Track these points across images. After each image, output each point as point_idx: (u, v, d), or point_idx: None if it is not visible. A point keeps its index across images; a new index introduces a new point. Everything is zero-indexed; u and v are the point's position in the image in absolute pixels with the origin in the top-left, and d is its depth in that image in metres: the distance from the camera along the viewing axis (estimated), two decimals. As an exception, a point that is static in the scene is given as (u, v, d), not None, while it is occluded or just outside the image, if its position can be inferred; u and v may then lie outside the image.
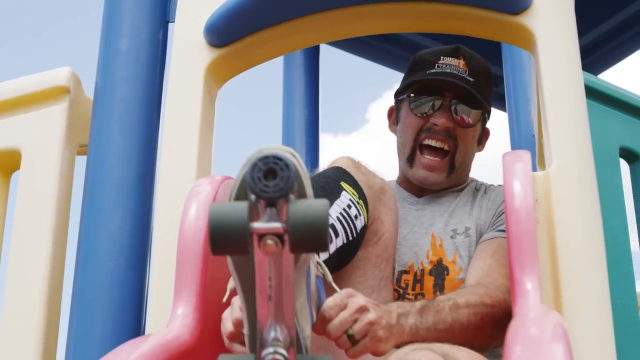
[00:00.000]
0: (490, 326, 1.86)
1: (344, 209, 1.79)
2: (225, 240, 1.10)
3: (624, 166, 2.46)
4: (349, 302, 1.62)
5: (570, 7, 2.00)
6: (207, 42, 2.14)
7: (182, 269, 1.69)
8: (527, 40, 2.01)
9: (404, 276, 2.12)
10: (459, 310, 1.80)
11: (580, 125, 1.87)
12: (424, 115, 2.24)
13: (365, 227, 1.87)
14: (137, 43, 2.34)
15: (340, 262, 1.84)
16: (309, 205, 1.11)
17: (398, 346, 1.67)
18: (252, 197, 1.11)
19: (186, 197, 1.79)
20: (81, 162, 2.33)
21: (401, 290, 2.10)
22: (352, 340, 1.60)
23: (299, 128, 3.65)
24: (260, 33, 2.18)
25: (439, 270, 2.11)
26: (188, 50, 2.14)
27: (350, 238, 1.82)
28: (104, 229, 2.16)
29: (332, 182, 1.84)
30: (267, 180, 1.11)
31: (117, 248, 2.13)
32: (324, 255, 1.70)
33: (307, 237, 1.09)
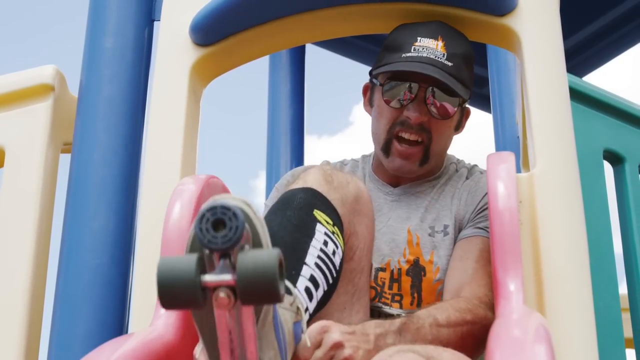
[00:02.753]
0: (471, 344, 1.83)
1: (321, 250, 1.70)
2: (174, 294, 1.09)
3: (608, 168, 2.47)
4: (324, 339, 1.59)
5: (555, 9, 2.00)
6: (192, 41, 2.14)
7: (166, 268, 1.68)
8: (512, 42, 2.02)
9: (381, 274, 2.07)
10: (439, 328, 1.76)
11: (564, 127, 1.87)
12: (398, 106, 2.11)
13: (343, 257, 1.81)
14: (123, 41, 2.34)
15: (323, 305, 1.78)
16: (257, 256, 1.09)
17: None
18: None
19: (170, 196, 1.78)
20: (65, 160, 2.33)
21: (378, 289, 2.06)
22: None
23: (284, 129, 3.64)
24: (246, 32, 2.18)
25: (416, 271, 2.06)
26: (173, 48, 2.14)
27: (331, 281, 1.76)
28: (87, 228, 2.15)
29: (305, 214, 1.74)
30: (217, 231, 1.10)
31: (100, 246, 2.13)
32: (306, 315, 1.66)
33: (256, 289, 1.08)
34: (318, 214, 1.73)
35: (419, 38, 2.06)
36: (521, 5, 1.99)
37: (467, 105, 2.24)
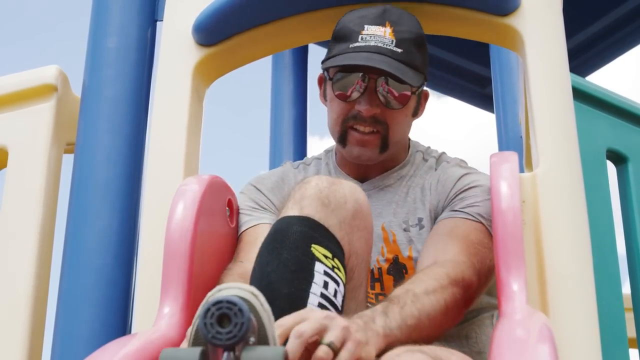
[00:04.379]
0: (454, 308, 1.74)
1: (321, 295, 1.61)
2: None
3: (611, 168, 2.47)
4: (309, 316, 1.47)
5: (558, 9, 2.00)
6: (195, 41, 2.14)
7: (169, 268, 1.69)
8: (515, 42, 2.02)
9: None
10: (421, 299, 1.66)
11: (567, 127, 1.87)
12: (349, 100, 2.04)
13: (344, 291, 1.71)
14: (126, 41, 2.34)
15: None
16: (262, 356, 1.09)
17: (385, 351, 1.61)
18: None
19: (173, 196, 1.79)
20: (68, 160, 2.33)
21: None
22: (334, 348, 1.41)
23: (287, 129, 3.65)
24: (249, 32, 2.18)
25: (397, 269, 2.02)
26: (176, 49, 2.14)
27: None
28: (90, 228, 2.15)
29: (302, 253, 1.64)
30: (221, 325, 1.09)
31: (103, 247, 2.13)
32: None
33: None
34: (316, 249, 1.66)
35: (366, 26, 2.01)
36: (524, 5, 1.99)
37: (425, 88, 2.16)
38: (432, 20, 2.12)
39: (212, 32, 2.13)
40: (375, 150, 2.06)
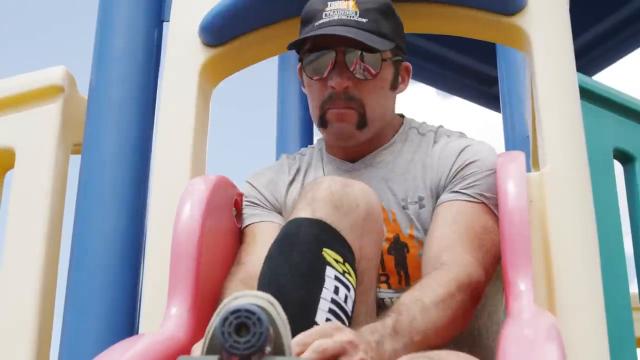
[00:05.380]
0: (461, 313, 1.73)
1: (332, 300, 1.60)
2: None
3: (618, 167, 2.47)
4: (334, 334, 1.45)
5: (565, 8, 2.00)
6: (201, 42, 2.14)
7: (176, 269, 1.69)
8: (521, 41, 2.02)
9: None
10: (429, 312, 1.65)
11: (574, 127, 1.87)
12: (321, 78, 2.00)
13: (355, 294, 1.69)
14: (132, 42, 2.34)
15: None
16: None
17: None
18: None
19: (180, 196, 1.79)
20: (75, 161, 2.33)
21: None
22: None
23: (294, 128, 3.64)
24: (255, 33, 2.18)
25: (398, 248, 1.98)
26: (183, 49, 2.15)
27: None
28: (98, 228, 2.16)
29: (313, 256, 1.63)
30: (239, 334, 1.08)
31: (111, 247, 2.13)
32: None
33: None
34: (327, 253, 1.64)
35: (329, 3, 1.99)
36: (530, 4, 1.99)
37: (407, 63, 2.11)
38: (439, 20, 2.12)
39: (218, 32, 2.13)
40: (353, 126, 2.00)
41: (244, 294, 1.21)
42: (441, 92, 5.26)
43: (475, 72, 5.03)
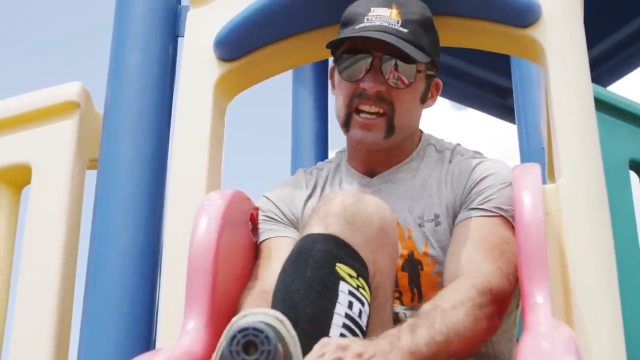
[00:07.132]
0: (484, 319, 1.73)
1: (346, 315, 1.60)
2: None
3: (634, 179, 2.46)
4: (325, 351, 1.45)
5: (579, 20, 2.00)
6: (216, 56, 2.15)
7: (193, 284, 1.69)
8: (536, 53, 2.02)
9: None
10: (450, 316, 1.64)
11: (589, 138, 1.87)
12: (355, 79, 2.00)
13: (370, 309, 1.70)
14: (147, 57, 2.35)
15: None
16: None
17: None
18: None
19: (196, 211, 1.79)
20: (92, 176, 2.34)
21: None
22: None
23: (309, 142, 3.65)
24: (270, 47, 2.19)
25: (412, 265, 1.97)
26: (198, 64, 2.15)
27: None
28: (114, 244, 2.16)
29: (327, 273, 1.63)
30: (247, 353, 1.10)
31: (127, 262, 2.13)
32: None
33: None
34: (340, 268, 1.64)
35: (372, 8, 1.98)
36: (545, 16, 1.99)
37: (438, 79, 2.12)
38: (454, 32, 2.12)
39: (233, 47, 2.14)
40: (380, 134, 2.00)
41: (252, 311, 1.21)
42: (455, 104, 5.24)
43: (489, 83, 5.03)
